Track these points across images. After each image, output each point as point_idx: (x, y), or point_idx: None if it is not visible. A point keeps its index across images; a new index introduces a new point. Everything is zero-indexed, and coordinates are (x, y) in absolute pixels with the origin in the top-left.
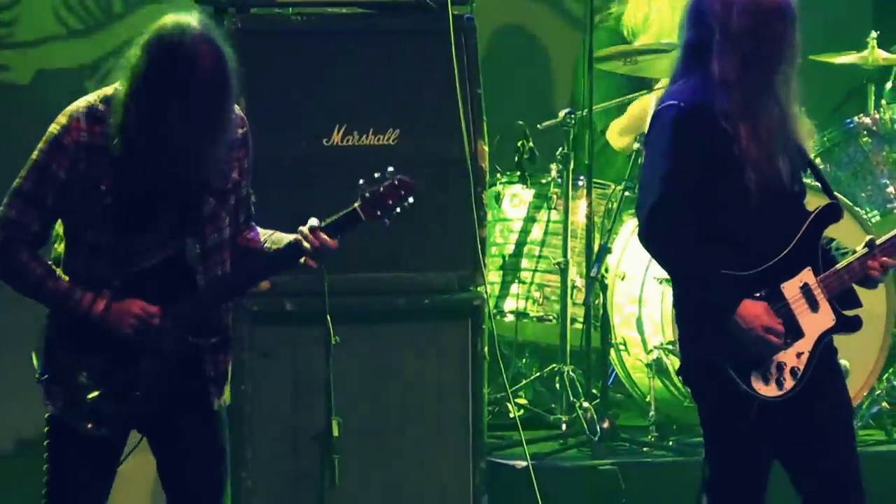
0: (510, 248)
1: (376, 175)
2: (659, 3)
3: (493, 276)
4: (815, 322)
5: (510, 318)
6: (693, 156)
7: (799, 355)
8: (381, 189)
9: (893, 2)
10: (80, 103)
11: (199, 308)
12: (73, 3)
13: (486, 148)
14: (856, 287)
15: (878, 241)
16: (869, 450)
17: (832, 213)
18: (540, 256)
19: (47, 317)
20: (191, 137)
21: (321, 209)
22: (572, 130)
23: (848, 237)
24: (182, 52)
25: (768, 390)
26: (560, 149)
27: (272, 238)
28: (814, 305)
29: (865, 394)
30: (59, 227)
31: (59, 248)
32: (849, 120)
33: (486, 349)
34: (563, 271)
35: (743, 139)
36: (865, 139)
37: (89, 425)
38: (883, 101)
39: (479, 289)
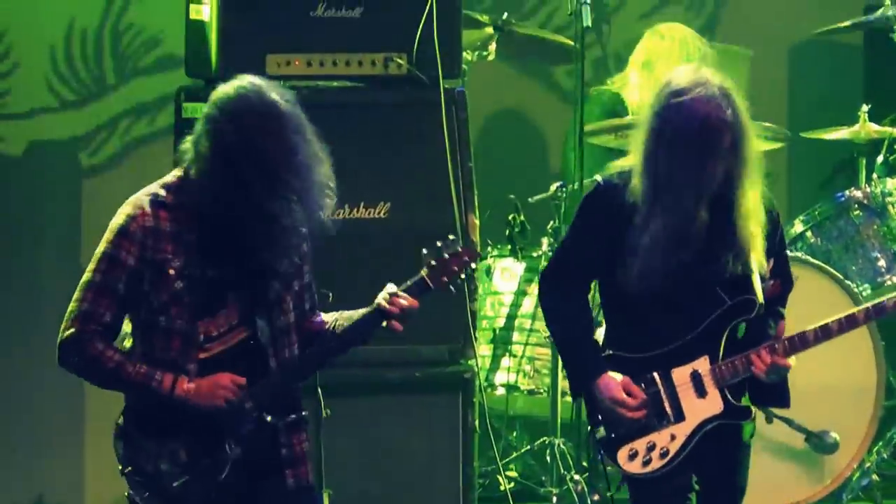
0: (501, 322)
1: (438, 244)
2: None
3: (484, 349)
4: (700, 408)
5: (501, 391)
6: (595, 235)
7: (673, 437)
8: (446, 256)
9: (884, 76)
10: (142, 193)
11: (278, 387)
12: (66, 74)
13: (477, 221)
14: (843, 360)
15: (783, 337)
16: None
17: (745, 307)
18: (531, 330)
19: (123, 410)
20: (270, 208)
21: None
22: (563, 203)
23: (839, 312)
24: (275, 114)
25: (631, 466)
26: (551, 222)
27: (343, 317)
28: (701, 392)
29: (855, 466)
30: (126, 325)
31: (127, 343)
32: (840, 193)
33: (476, 422)
34: (553, 344)
35: (652, 229)
36: (857, 212)
37: None
38: (874, 175)
39: (469, 362)
